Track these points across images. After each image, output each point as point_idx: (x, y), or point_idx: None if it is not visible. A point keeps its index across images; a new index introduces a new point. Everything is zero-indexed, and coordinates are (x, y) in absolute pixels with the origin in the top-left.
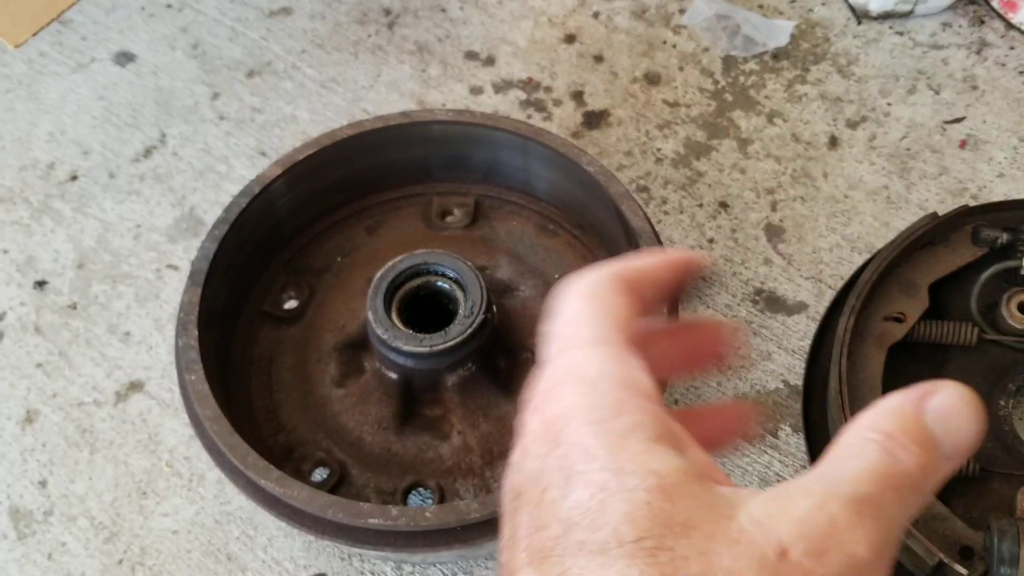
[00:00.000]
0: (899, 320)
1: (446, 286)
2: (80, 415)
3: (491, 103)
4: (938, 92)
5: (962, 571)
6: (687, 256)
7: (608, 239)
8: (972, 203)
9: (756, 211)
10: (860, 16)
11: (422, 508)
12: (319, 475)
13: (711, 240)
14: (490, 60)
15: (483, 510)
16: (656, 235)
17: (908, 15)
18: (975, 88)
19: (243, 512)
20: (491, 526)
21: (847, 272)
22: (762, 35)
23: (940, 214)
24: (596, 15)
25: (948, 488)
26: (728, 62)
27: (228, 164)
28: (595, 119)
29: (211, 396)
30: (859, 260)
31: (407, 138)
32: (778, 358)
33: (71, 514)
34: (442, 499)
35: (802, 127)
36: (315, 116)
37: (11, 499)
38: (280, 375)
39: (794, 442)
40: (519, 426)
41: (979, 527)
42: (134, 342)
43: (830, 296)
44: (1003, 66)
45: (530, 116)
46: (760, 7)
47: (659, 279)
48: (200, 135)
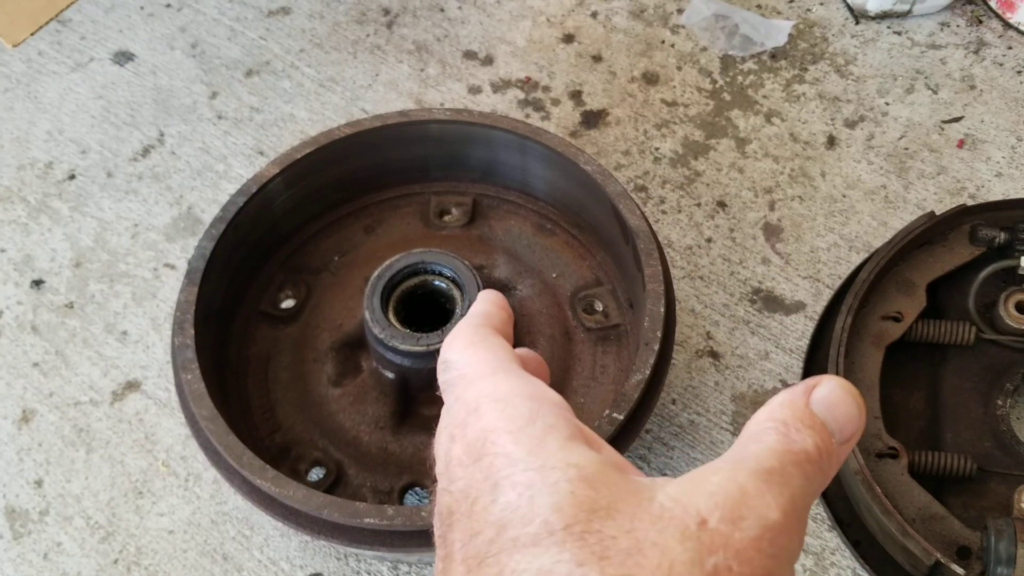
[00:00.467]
0: (897, 319)
1: (443, 285)
2: (76, 414)
3: (489, 102)
4: (936, 92)
5: (959, 571)
6: (501, 296)
7: (606, 238)
8: (970, 202)
9: (754, 210)
10: (858, 16)
11: (418, 508)
12: (315, 475)
13: (709, 239)
14: (488, 60)
15: None
16: (654, 234)
17: (906, 15)
18: (973, 88)
19: (239, 512)
20: None
21: (845, 271)
22: (760, 35)
23: (938, 213)
24: (594, 15)
25: (946, 488)
26: (726, 62)
27: (226, 163)
28: (593, 118)
29: (207, 395)
30: (857, 259)
31: (405, 137)
32: (776, 358)
33: (67, 514)
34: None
35: (800, 127)
36: (313, 115)
37: (7, 499)
38: (277, 374)
39: None
40: (439, 465)
41: (976, 527)
42: (131, 341)
43: (828, 295)
44: (1001, 66)
45: (528, 115)
46: (758, 7)
47: (506, 320)
48: (198, 134)
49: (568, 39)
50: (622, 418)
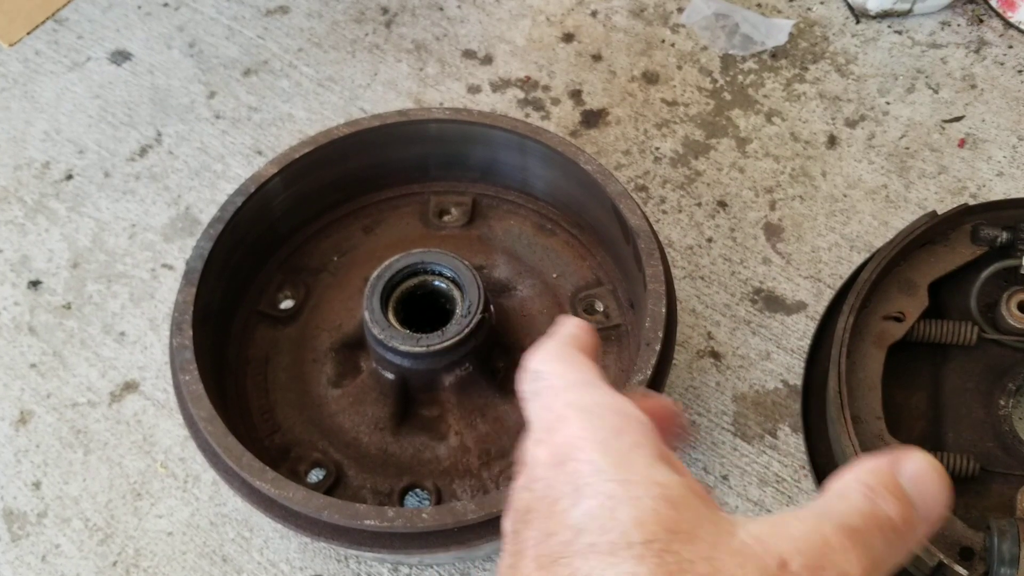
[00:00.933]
0: (899, 319)
1: (443, 285)
2: (74, 416)
3: (489, 102)
4: (937, 91)
5: (962, 571)
6: (587, 324)
7: (606, 238)
8: (971, 202)
9: (755, 210)
10: (859, 15)
11: (419, 509)
12: (315, 476)
13: (710, 239)
14: (488, 59)
15: (480, 511)
16: (654, 234)
17: (907, 14)
18: (974, 87)
19: (238, 514)
20: (488, 527)
21: (846, 271)
22: (760, 34)
23: (939, 213)
24: (594, 14)
25: None
26: (726, 61)
27: (224, 163)
28: (593, 118)
29: (206, 396)
30: (858, 259)
31: (404, 137)
32: (777, 358)
33: (65, 516)
34: (439, 500)
35: (801, 126)
36: (312, 115)
37: (4, 501)
38: (276, 375)
39: (793, 442)
40: (521, 461)
41: (979, 527)
42: (129, 342)
43: (829, 295)
44: (1002, 65)
45: (528, 115)
46: (758, 6)
47: (593, 345)
48: (196, 134)
49: (568, 38)
50: None
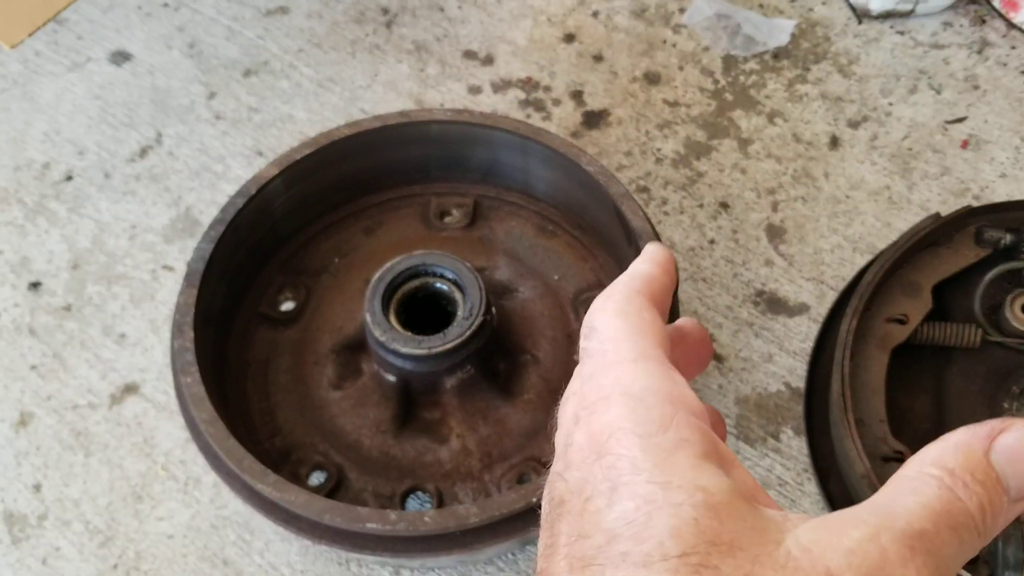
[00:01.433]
0: (902, 322)
1: (445, 287)
2: (75, 418)
3: (490, 103)
4: (939, 92)
5: (965, 575)
6: (670, 256)
7: (608, 240)
8: (975, 204)
9: (757, 211)
10: (861, 15)
11: (421, 512)
12: (316, 479)
13: (712, 241)
14: (489, 59)
15: (483, 514)
16: (656, 236)
17: (909, 14)
18: (977, 88)
19: (239, 516)
20: (491, 531)
21: (849, 273)
22: (762, 34)
23: (943, 215)
24: (595, 14)
25: None
26: (728, 61)
27: (224, 164)
28: (595, 119)
29: (207, 399)
30: (861, 261)
31: (405, 138)
32: (779, 360)
33: (65, 518)
34: (441, 503)
35: (803, 127)
36: (312, 116)
37: (4, 503)
38: (277, 377)
39: (796, 445)
40: (558, 438)
41: None
42: (129, 344)
43: (832, 297)
44: (1004, 66)
45: (529, 116)
46: (760, 6)
47: (667, 287)
48: (196, 135)
49: (569, 39)
50: None
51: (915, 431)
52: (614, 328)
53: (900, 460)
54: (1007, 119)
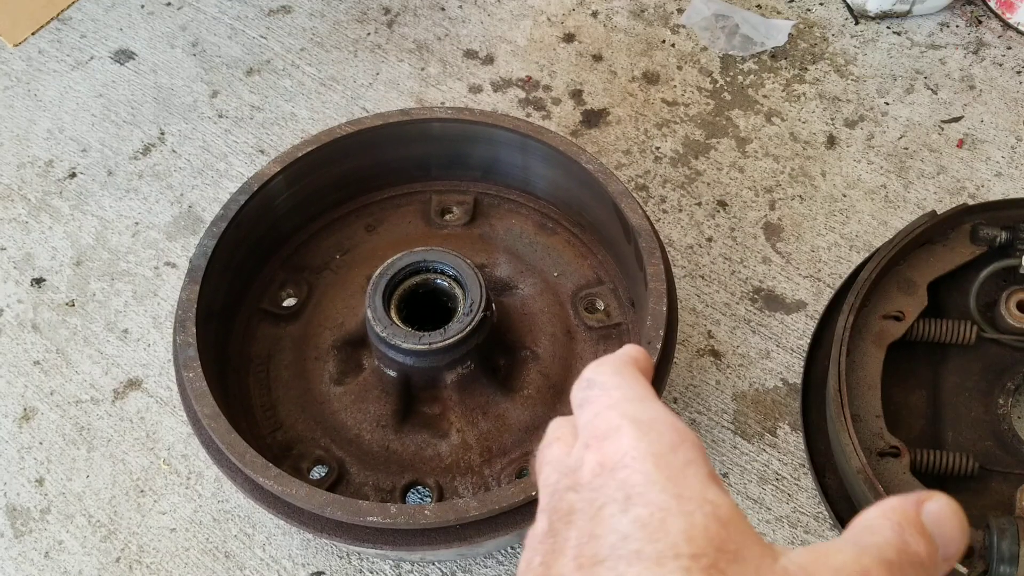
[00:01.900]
0: (898, 318)
1: (445, 284)
2: (78, 413)
3: (490, 101)
4: (936, 92)
5: (962, 570)
6: (646, 353)
7: (607, 237)
8: (970, 202)
9: (755, 210)
10: (858, 16)
11: (421, 506)
12: (317, 473)
13: (710, 239)
14: (489, 59)
15: (482, 508)
16: (655, 233)
17: (906, 15)
18: (972, 88)
19: (241, 510)
20: (490, 524)
21: (846, 271)
22: (760, 35)
23: (939, 213)
24: (595, 14)
25: (947, 487)
26: (726, 61)
27: (227, 162)
28: (594, 118)
29: (209, 394)
30: (858, 259)
31: (406, 136)
32: (776, 356)
33: (68, 512)
34: (440, 497)
35: (800, 126)
36: (314, 114)
37: (8, 497)
38: (278, 373)
39: (793, 440)
40: (556, 464)
41: (978, 526)
42: (132, 340)
43: (829, 295)
44: (1000, 66)
45: (529, 115)
46: (758, 7)
47: (650, 371)
48: (199, 133)
49: (569, 38)
50: None
51: (911, 427)
52: (614, 380)
53: (896, 455)
54: (1003, 119)
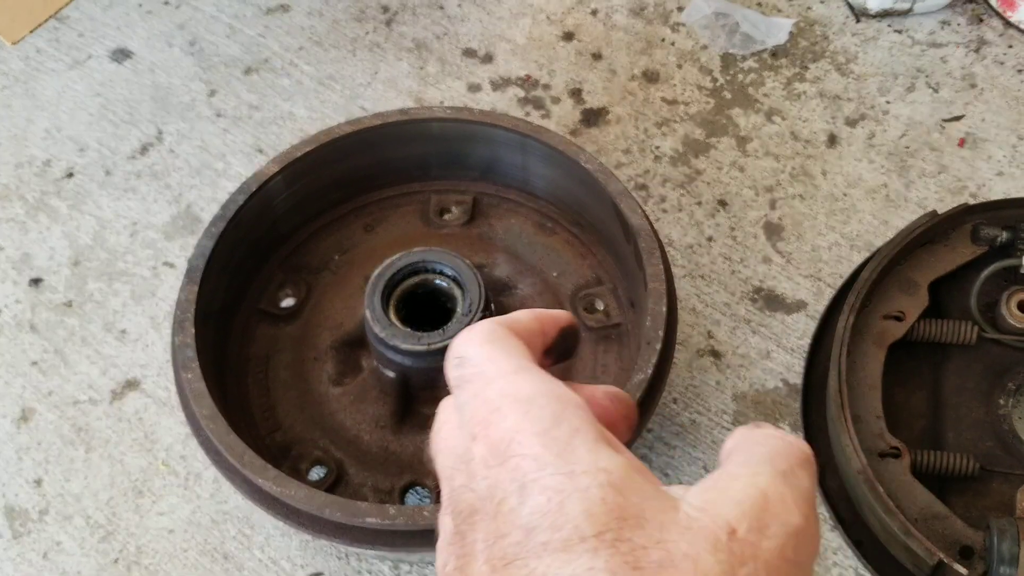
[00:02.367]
0: (899, 319)
1: (444, 284)
2: (76, 413)
3: (489, 100)
4: (937, 90)
5: (962, 571)
6: (555, 315)
7: (607, 237)
8: (971, 201)
9: (755, 209)
10: (859, 14)
11: (420, 507)
12: (316, 474)
13: (710, 238)
14: (488, 57)
15: None
16: (655, 233)
17: (907, 13)
18: (974, 86)
19: (240, 511)
20: None
21: (846, 270)
22: (761, 33)
23: (939, 212)
24: (594, 13)
25: (948, 487)
26: (727, 60)
27: (225, 161)
28: (593, 117)
29: (208, 394)
30: (858, 258)
31: (405, 135)
32: (777, 357)
33: (67, 513)
34: (439, 498)
35: (801, 125)
36: (313, 113)
37: (6, 498)
38: (277, 373)
39: None
40: (448, 456)
41: (979, 526)
42: (130, 340)
43: (829, 295)
44: (1002, 64)
45: (528, 114)
46: (759, 5)
47: (534, 331)
48: (197, 132)
49: (568, 37)
50: None
51: (911, 427)
52: (485, 352)
53: (896, 456)
54: (1004, 117)
